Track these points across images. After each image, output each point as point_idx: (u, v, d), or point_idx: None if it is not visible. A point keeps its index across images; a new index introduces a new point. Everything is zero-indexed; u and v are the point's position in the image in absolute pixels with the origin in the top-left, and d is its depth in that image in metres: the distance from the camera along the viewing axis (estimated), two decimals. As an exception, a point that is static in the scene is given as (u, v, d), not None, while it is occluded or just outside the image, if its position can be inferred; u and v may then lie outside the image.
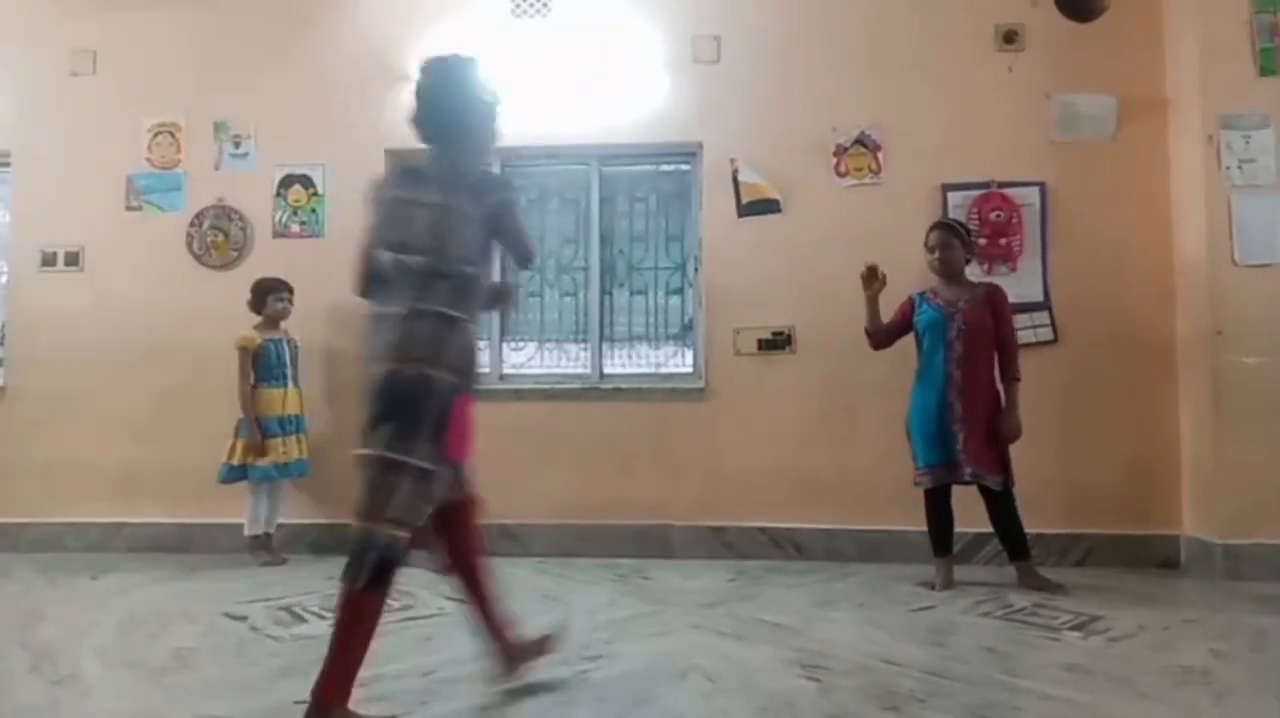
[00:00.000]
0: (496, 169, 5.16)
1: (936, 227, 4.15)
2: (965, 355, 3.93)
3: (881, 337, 4.14)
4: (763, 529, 4.71)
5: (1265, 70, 4.29)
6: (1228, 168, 4.28)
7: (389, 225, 2.46)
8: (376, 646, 3.15)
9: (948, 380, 3.94)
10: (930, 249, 4.08)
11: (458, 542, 2.62)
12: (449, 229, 2.40)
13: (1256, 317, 4.20)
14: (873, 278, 4.09)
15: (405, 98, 2.67)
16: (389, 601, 2.39)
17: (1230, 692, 2.65)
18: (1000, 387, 3.97)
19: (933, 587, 3.96)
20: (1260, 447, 4.13)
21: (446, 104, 2.54)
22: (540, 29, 5.03)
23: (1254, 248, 4.24)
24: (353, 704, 2.35)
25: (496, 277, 3.06)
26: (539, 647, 2.77)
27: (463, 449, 2.53)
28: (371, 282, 2.47)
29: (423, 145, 2.59)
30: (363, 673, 2.82)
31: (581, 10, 5.02)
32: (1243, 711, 2.54)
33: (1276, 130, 4.27)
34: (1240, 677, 2.80)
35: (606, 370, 5.09)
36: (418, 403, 2.31)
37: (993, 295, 4.02)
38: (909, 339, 4.14)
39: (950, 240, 4.04)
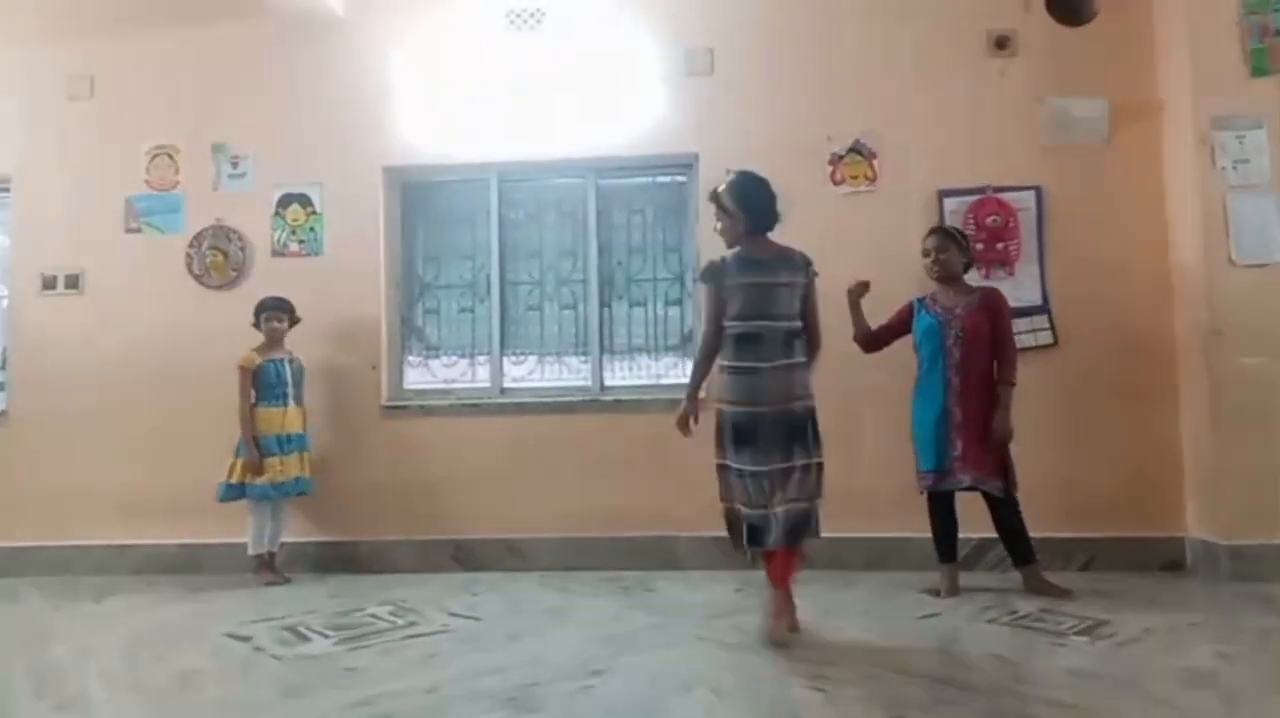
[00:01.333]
0: (494, 184, 5.19)
1: (933, 232, 4.16)
2: (963, 362, 3.94)
3: (870, 341, 4.13)
4: (766, 539, 4.69)
5: (1257, 71, 4.31)
6: (1222, 169, 4.29)
7: (753, 302, 3.34)
8: (380, 663, 3.16)
9: (946, 387, 3.94)
10: (926, 253, 4.09)
11: None
12: (796, 300, 3.41)
13: (1255, 316, 4.20)
14: (860, 290, 4.08)
15: (402, 114, 2.71)
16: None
17: (1238, 694, 2.64)
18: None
19: (938, 594, 3.94)
20: (1262, 447, 4.13)
21: (771, 203, 3.48)
22: (535, 43, 5.05)
23: (1250, 248, 4.24)
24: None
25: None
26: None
27: None
28: (739, 343, 3.35)
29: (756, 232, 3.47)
30: (364, 691, 2.83)
31: (575, 23, 5.04)
32: (1252, 713, 2.53)
33: (1270, 130, 4.28)
34: (1248, 679, 2.79)
35: (607, 383, 5.09)
36: (815, 425, 3.39)
37: (990, 300, 4.02)
38: (909, 346, 4.14)
39: (946, 244, 4.05)
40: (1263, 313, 4.20)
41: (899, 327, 4.12)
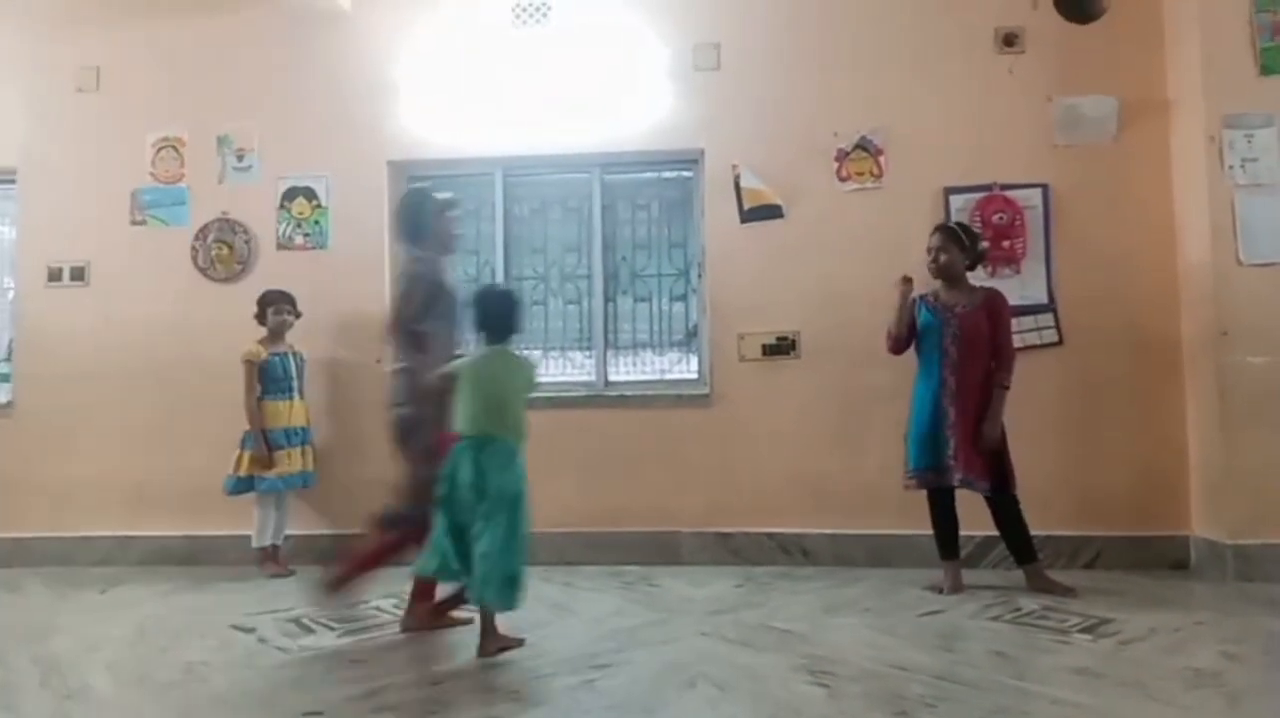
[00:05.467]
0: (499, 179, 5.19)
1: (936, 230, 4.15)
2: (959, 361, 3.93)
3: (903, 341, 4.12)
4: (770, 535, 4.70)
5: (1267, 69, 4.28)
6: (1231, 167, 4.27)
7: None
8: (384, 656, 3.16)
9: (942, 385, 3.94)
10: (928, 252, 4.08)
11: None
12: None
13: (1262, 316, 4.19)
14: (908, 285, 4.07)
15: (407, 108, 2.74)
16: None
17: (1243, 695, 2.64)
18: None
19: (940, 591, 3.94)
20: (1268, 446, 4.11)
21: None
22: (541, 37, 5.05)
23: (1259, 247, 4.23)
24: (367, 714, 2.35)
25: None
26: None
27: None
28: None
29: None
30: (369, 683, 2.84)
31: (582, 19, 5.03)
32: (1256, 713, 2.53)
33: (1278, 129, 4.26)
34: (1253, 679, 2.79)
35: (611, 378, 5.09)
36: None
37: (991, 301, 4.00)
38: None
39: (947, 244, 4.03)
40: (1270, 312, 4.18)
41: (913, 327, 4.11)
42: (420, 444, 3.28)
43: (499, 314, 3.22)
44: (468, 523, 3.04)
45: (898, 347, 4.12)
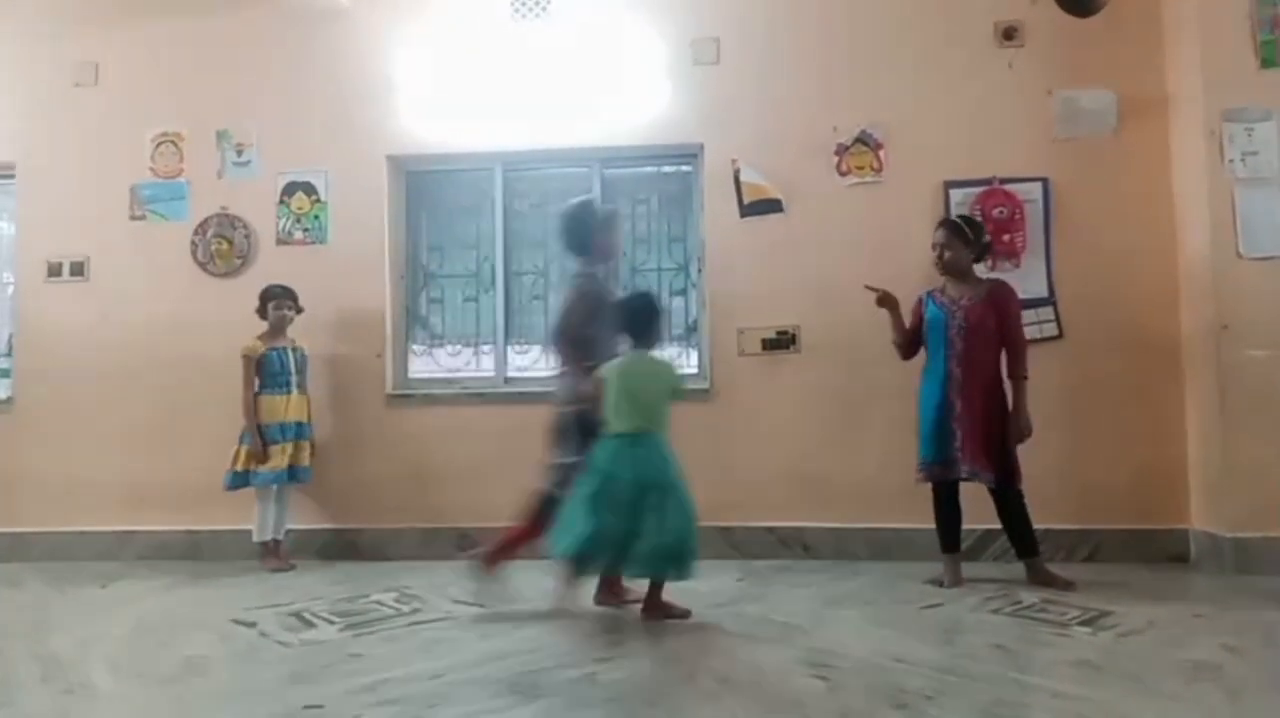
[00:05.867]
0: (499, 174, 5.19)
1: (940, 225, 4.14)
2: (965, 353, 3.92)
3: (908, 346, 4.13)
4: (770, 529, 4.70)
5: (1267, 63, 4.27)
6: (1230, 161, 4.27)
7: None
8: (385, 649, 3.17)
9: (948, 378, 3.94)
10: (932, 248, 4.08)
11: None
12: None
13: (1262, 310, 4.18)
14: (884, 301, 4.09)
15: (407, 103, 2.74)
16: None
17: (1243, 688, 2.64)
18: (1007, 386, 3.96)
19: (941, 584, 3.95)
20: (1268, 440, 4.11)
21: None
22: (540, 31, 5.04)
23: (1258, 241, 4.22)
24: (367, 707, 2.35)
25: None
26: None
27: None
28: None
29: None
30: (369, 677, 2.84)
31: (581, 13, 5.02)
32: (1256, 707, 2.53)
33: (1279, 123, 4.26)
34: (1253, 673, 2.79)
35: (611, 373, 5.09)
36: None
37: (996, 293, 3.99)
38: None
39: (951, 240, 4.02)
40: (1270, 306, 4.17)
41: (919, 325, 4.11)
42: (578, 441, 3.53)
43: (642, 320, 3.47)
44: (625, 513, 3.27)
45: (907, 353, 4.14)
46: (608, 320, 3.56)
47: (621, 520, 3.27)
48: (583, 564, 3.42)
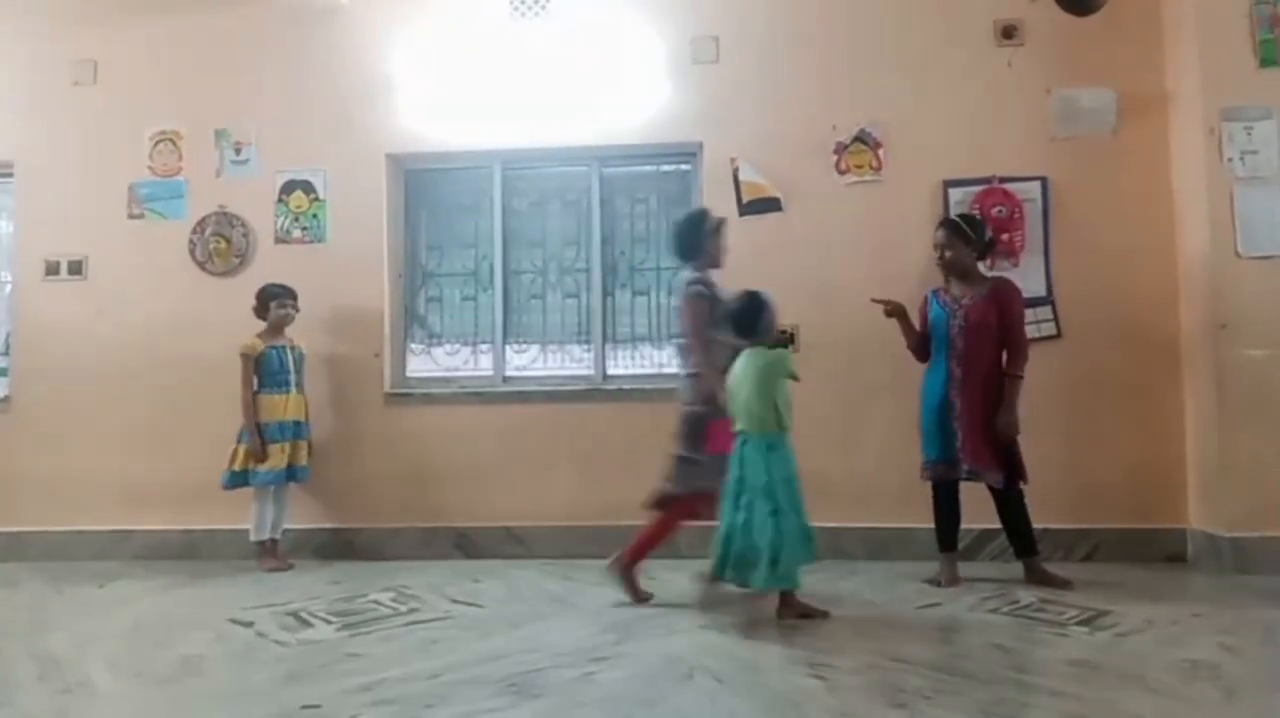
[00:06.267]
0: (498, 172, 5.18)
1: (940, 225, 4.14)
2: (966, 352, 3.92)
3: (923, 349, 4.12)
4: (768, 529, 4.69)
5: (1266, 62, 4.27)
6: (1229, 160, 4.26)
7: None
8: (382, 649, 3.17)
9: (949, 377, 3.94)
10: (935, 248, 4.07)
11: None
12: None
13: (1260, 309, 4.18)
14: (892, 312, 4.08)
15: (405, 101, 2.74)
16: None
17: (1240, 686, 2.64)
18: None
19: (939, 583, 3.95)
20: (1266, 440, 4.12)
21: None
22: (539, 30, 5.03)
23: (1257, 240, 4.22)
24: (364, 707, 2.35)
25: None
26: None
27: None
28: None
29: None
30: (367, 677, 2.84)
31: (580, 11, 5.02)
32: (1253, 705, 2.53)
33: (1278, 122, 4.25)
34: (1250, 672, 2.79)
35: (610, 372, 5.09)
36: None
37: (998, 291, 3.99)
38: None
39: (952, 239, 4.02)
40: (1269, 306, 4.18)
41: (927, 324, 4.11)
42: (702, 439, 3.68)
43: (750, 319, 3.52)
44: (745, 509, 3.37)
45: (923, 356, 4.13)
46: (719, 322, 3.71)
47: (730, 521, 3.39)
48: (719, 565, 3.47)
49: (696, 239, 3.88)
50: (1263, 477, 4.11)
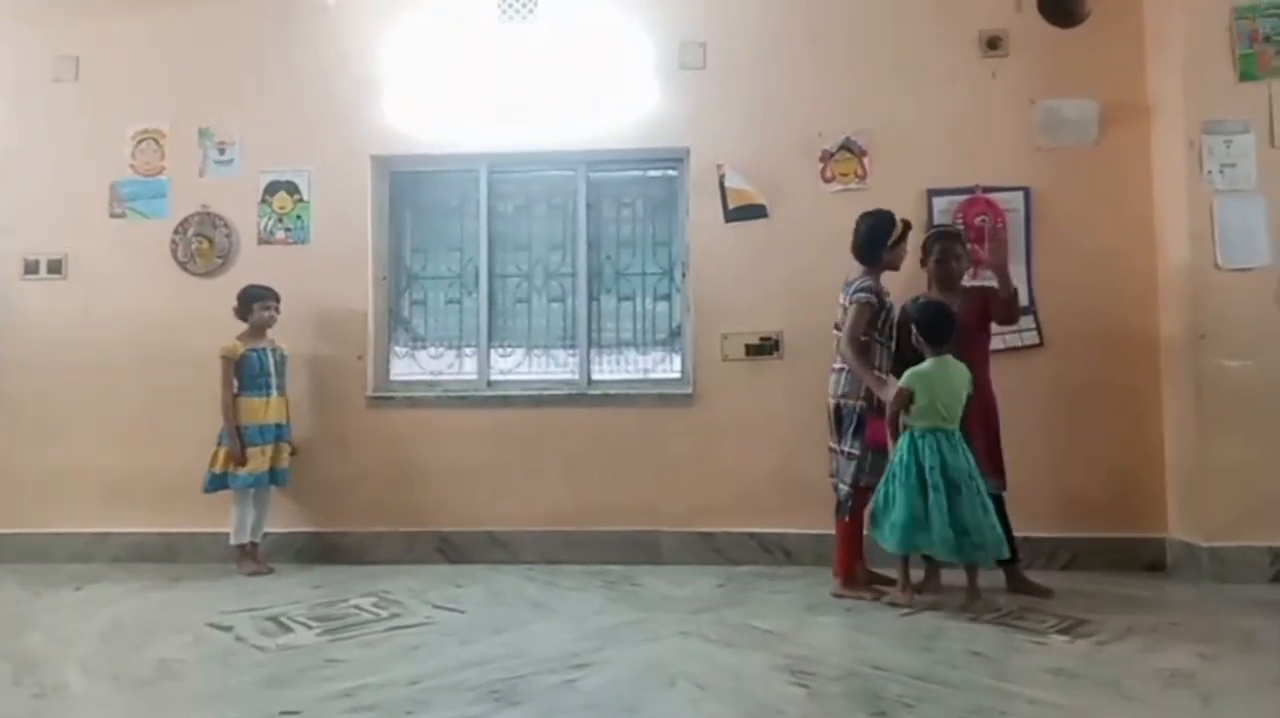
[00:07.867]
0: (483, 175, 5.17)
1: (942, 236, 4.13)
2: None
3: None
4: (752, 535, 4.71)
5: (1245, 76, 4.33)
6: (1209, 172, 4.31)
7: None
8: (363, 654, 3.15)
9: None
10: (935, 259, 4.06)
11: None
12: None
13: (1239, 320, 4.23)
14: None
15: (391, 103, 2.72)
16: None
17: (1218, 695, 2.66)
18: (994, 388, 4.00)
19: (920, 591, 3.94)
20: (1244, 449, 4.16)
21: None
22: (526, 33, 5.02)
23: (1236, 252, 4.27)
24: (344, 713, 2.33)
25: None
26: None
27: None
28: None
29: None
30: (347, 683, 2.82)
31: (568, 15, 5.02)
32: (1231, 713, 2.55)
33: (1257, 135, 4.30)
34: (1228, 680, 2.81)
35: (594, 376, 5.08)
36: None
37: (986, 295, 4.04)
38: None
39: (958, 251, 4.05)
40: (1247, 317, 4.22)
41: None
42: (854, 428, 3.90)
43: (937, 327, 3.75)
44: (933, 499, 3.59)
45: None
46: (884, 326, 3.93)
47: (930, 508, 3.61)
48: (910, 549, 3.73)
49: (879, 245, 4.00)
50: (1240, 486, 4.15)
